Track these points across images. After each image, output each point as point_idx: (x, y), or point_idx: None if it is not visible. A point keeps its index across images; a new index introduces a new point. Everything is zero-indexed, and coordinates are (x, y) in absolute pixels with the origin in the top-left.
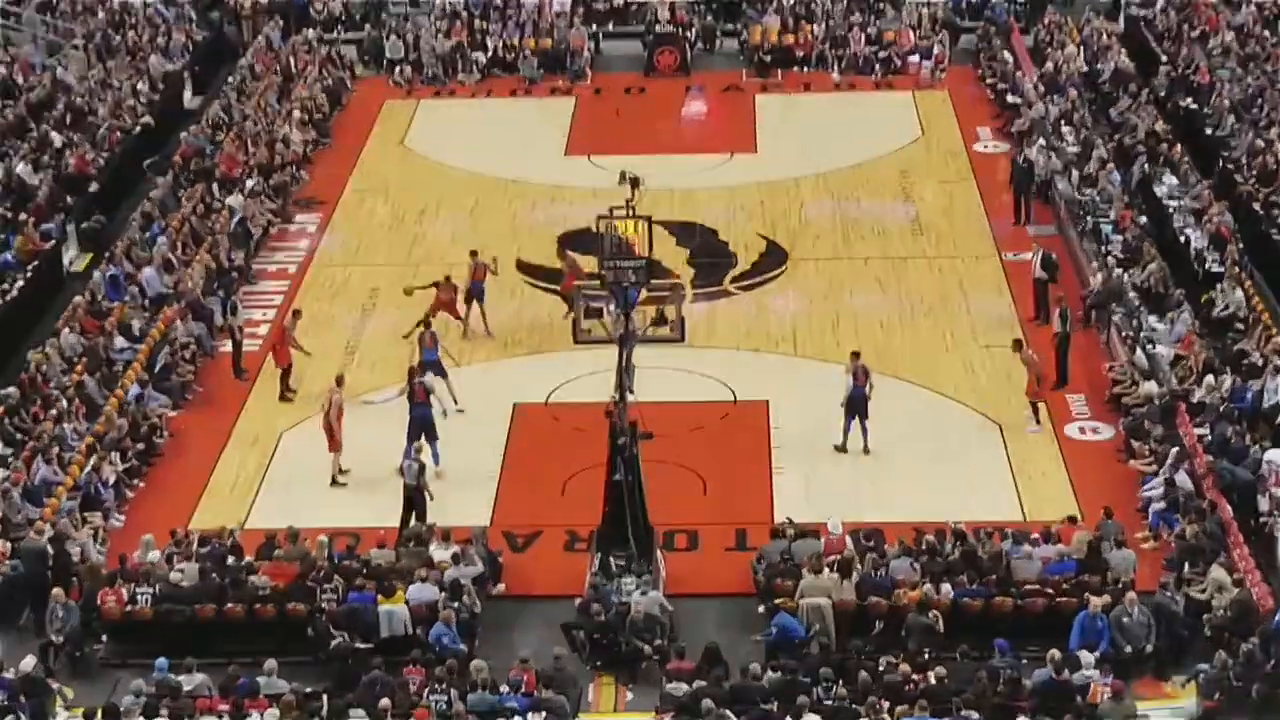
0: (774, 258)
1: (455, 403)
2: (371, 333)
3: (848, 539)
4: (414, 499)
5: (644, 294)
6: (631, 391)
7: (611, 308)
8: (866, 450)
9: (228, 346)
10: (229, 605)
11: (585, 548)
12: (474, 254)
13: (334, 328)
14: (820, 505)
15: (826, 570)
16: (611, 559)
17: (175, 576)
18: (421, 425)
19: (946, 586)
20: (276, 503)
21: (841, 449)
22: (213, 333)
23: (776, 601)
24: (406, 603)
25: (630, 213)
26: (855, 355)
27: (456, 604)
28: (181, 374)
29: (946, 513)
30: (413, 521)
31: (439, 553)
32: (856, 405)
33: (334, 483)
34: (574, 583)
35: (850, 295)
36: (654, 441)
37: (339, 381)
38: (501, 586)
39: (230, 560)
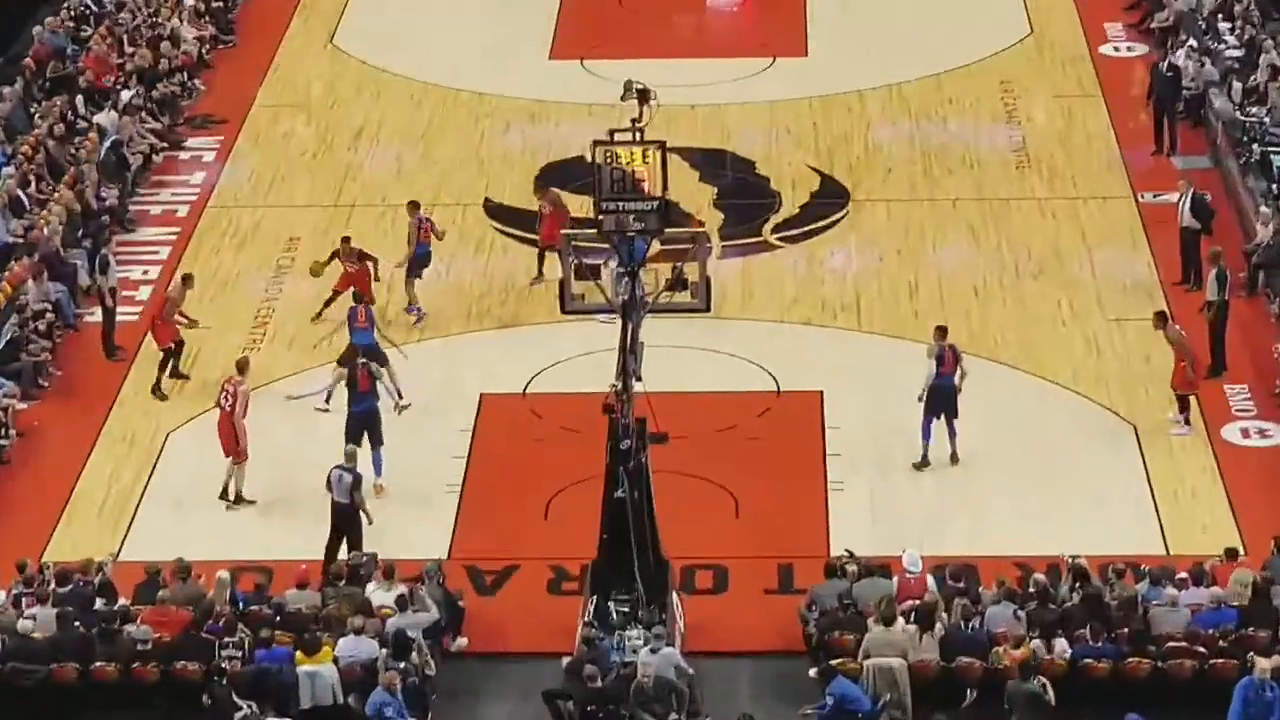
0: (830, 198)
1: (399, 397)
2: (290, 298)
3: (929, 579)
4: (345, 522)
5: (656, 247)
6: (639, 378)
7: (611, 265)
8: (954, 459)
9: (96, 315)
10: (97, 664)
11: (576, 589)
12: (414, 206)
13: (238, 291)
14: (892, 533)
15: (901, 621)
16: (611, 604)
17: (25, 625)
18: (364, 424)
19: (1062, 643)
20: (162, 527)
21: (921, 461)
22: (76, 297)
23: (833, 663)
24: (335, 662)
25: (637, 137)
26: (940, 332)
27: (403, 664)
28: (34, 352)
29: (1061, 544)
30: (345, 552)
31: (380, 595)
32: (941, 399)
33: (236, 501)
34: (561, 636)
35: (933, 249)
36: (669, 446)
37: (241, 367)
38: (463, 641)
39: (99, 604)
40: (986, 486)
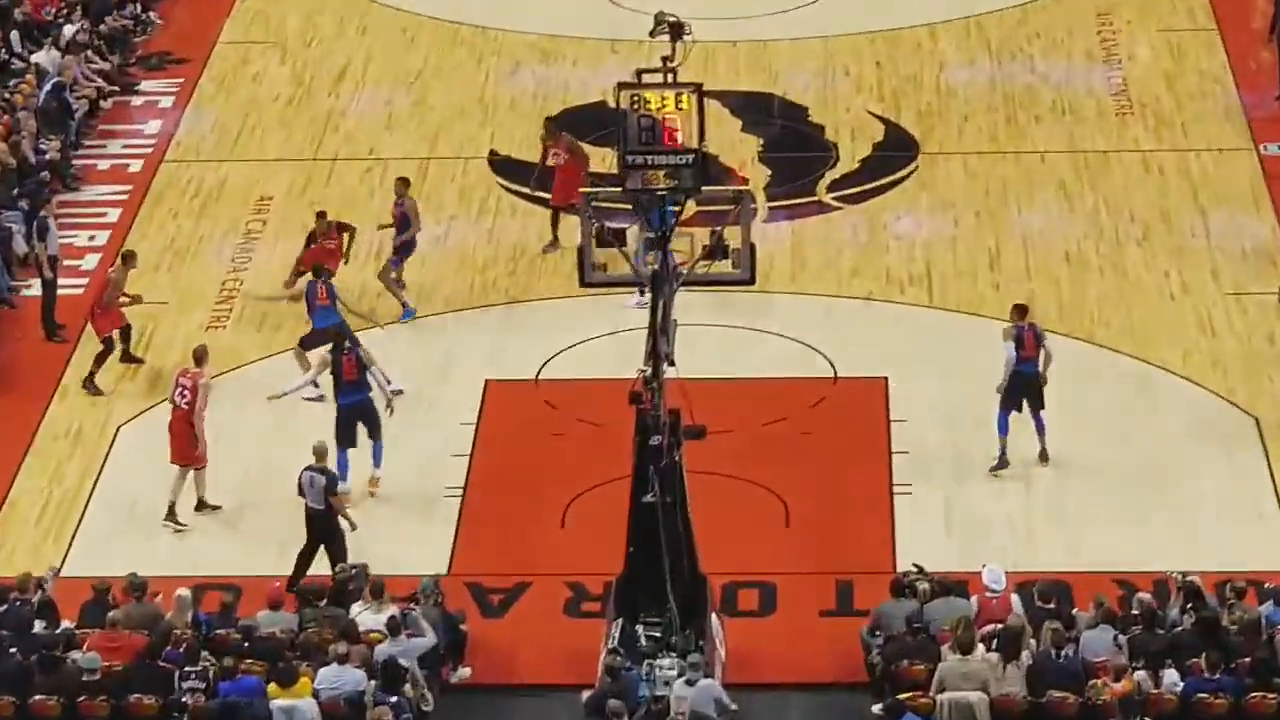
0: (896, 150)
1: (388, 383)
2: (261, 269)
3: (1014, 598)
4: (324, 531)
5: (691, 208)
6: (672, 363)
7: (639, 230)
8: (1043, 458)
9: (35, 289)
10: (36, 698)
11: (598, 610)
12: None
13: (199, 260)
14: (969, 545)
15: (980, 648)
16: (640, 627)
17: None
18: (356, 418)
19: (1172, 674)
20: (112, 536)
21: (999, 461)
22: (11, 267)
23: (901, 697)
24: (315, 695)
25: (669, 79)
26: (1019, 310)
27: (394, 698)
28: None
29: (1170, 558)
30: (327, 566)
31: (367, 617)
32: (1021, 389)
33: (199, 508)
34: (581, 665)
35: (1018, 211)
36: (707, 441)
37: (199, 357)
38: (466, 671)
39: (39, 627)
40: (1081, 490)
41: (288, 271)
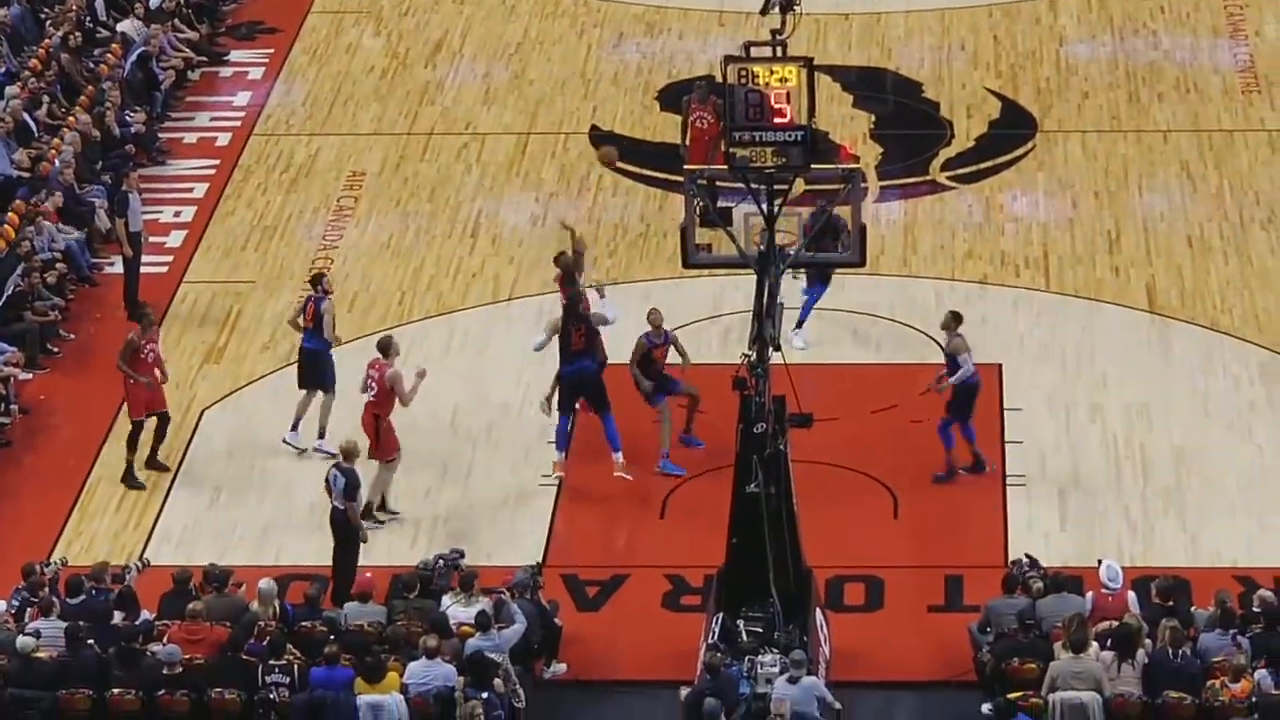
0: (1013, 128)
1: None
2: (353, 246)
3: (1131, 595)
4: (339, 533)
5: (799, 187)
6: (777, 347)
7: (745, 209)
8: (980, 466)
9: (117, 266)
10: (114, 691)
11: (698, 604)
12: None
13: (288, 238)
14: (1084, 539)
15: (1095, 646)
16: (741, 622)
17: (25, 643)
18: (578, 391)
19: None
20: (194, 525)
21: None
22: (93, 243)
23: (1011, 696)
24: (404, 691)
25: (778, 52)
26: (959, 318)
27: (485, 694)
28: (41, 311)
29: None
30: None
31: (457, 610)
32: (974, 397)
33: (374, 511)
34: (679, 661)
35: (1139, 192)
36: (814, 430)
37: (384, 348)
38: (560, 667)
39: (118, 617)
40: (1202, 483)
41: (379, 249)
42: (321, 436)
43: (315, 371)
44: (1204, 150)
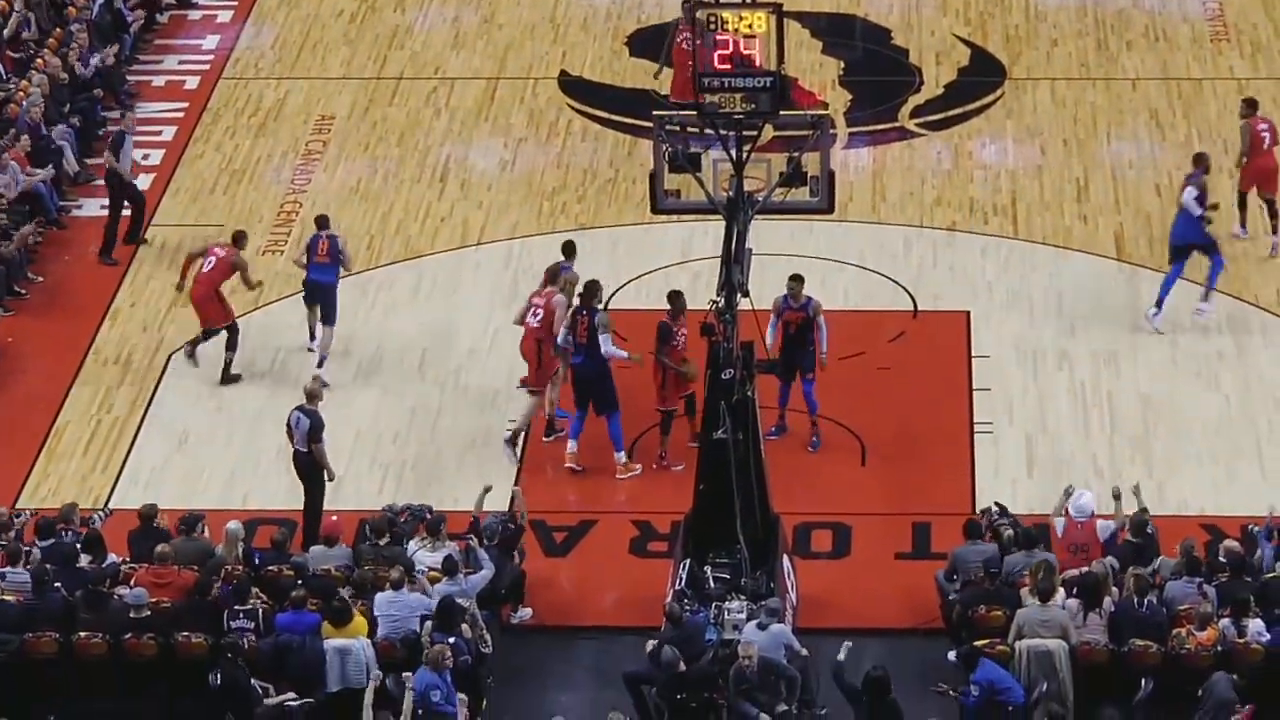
0: (982, 75)
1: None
2: (321, 190)
3: (1100, 524)
4: (304, 476)
5: (768, 133)
6: (745, 294)
7: (714, 155)
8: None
9: (84, 208)
10: (82, 635)
11: (665, 550)
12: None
13: (257, 182)
14: (1052, 486)
15: (1061, 594)
16: (708, 569)
17: None
18: (585, 382)
19: (1257, 623)
20: (162, 468)
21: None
22: (60, 185)
23: (978, 644)
24: (372, 626)
25: None
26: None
27: (452, 639)
28: (6, 253)
29: (1258, 506)
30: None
31: (425, 555)
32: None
33: (548, 432)
34: (645, 608)
35: (1107, 140)
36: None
37: (553, 276)
38: (527, 612)
39: (85, 561)
40: (1168, 433)
41: (348, 193)
42: (320, 366)
43: (327, 303)
44: (1173, 98)
